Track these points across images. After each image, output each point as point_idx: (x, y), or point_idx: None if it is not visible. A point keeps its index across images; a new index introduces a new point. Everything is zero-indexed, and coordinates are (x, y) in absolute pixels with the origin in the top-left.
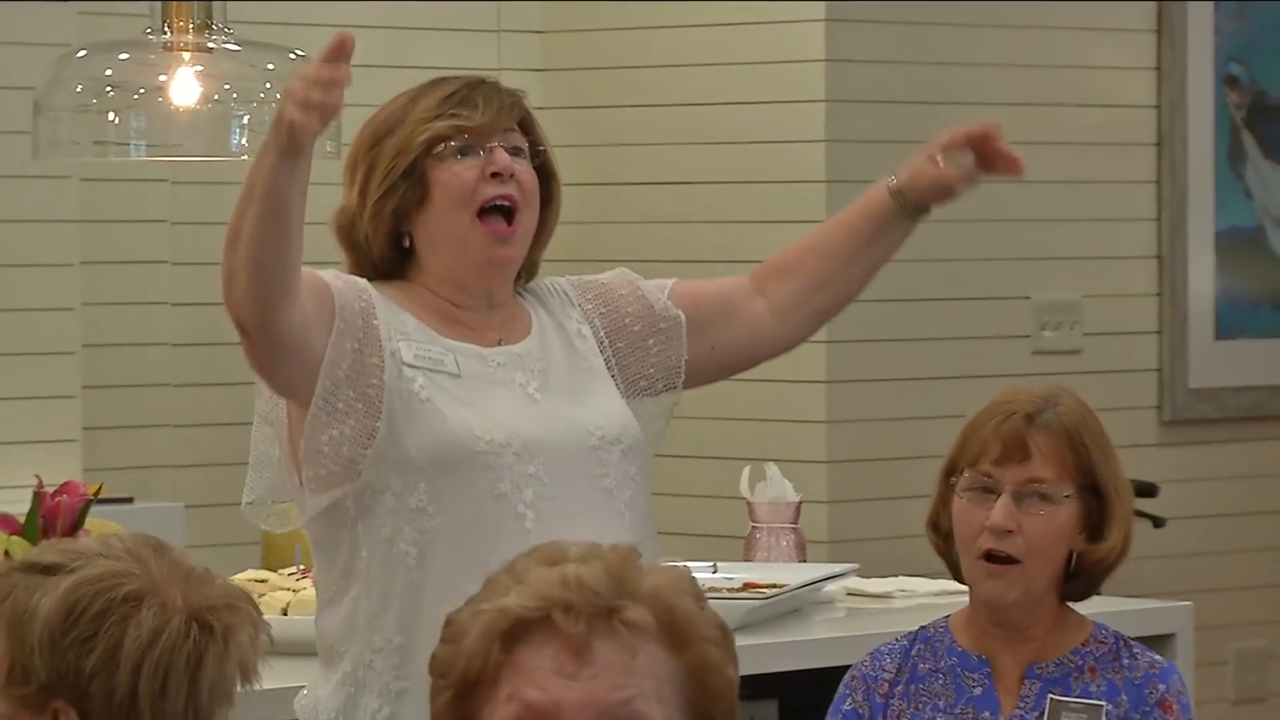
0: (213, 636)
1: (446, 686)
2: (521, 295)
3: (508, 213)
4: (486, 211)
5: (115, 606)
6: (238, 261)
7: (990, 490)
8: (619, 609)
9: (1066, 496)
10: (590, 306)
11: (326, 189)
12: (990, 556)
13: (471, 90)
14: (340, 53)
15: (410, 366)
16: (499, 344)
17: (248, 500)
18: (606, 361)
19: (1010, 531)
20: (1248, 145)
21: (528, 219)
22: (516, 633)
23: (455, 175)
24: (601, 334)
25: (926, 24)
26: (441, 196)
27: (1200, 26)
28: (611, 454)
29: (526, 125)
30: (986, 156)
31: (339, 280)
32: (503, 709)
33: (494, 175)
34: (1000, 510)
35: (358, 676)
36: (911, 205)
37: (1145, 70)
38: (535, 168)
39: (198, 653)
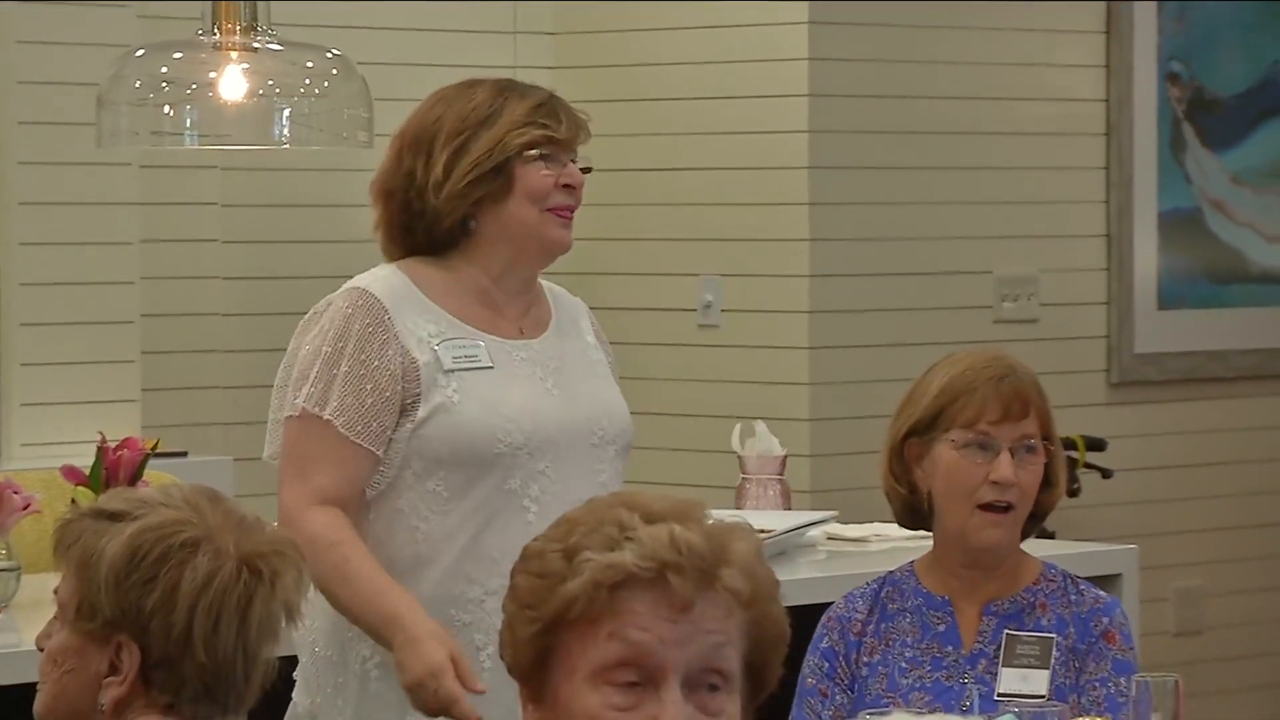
0: (261, 579)
1: (536, 619)
2: (545, 290)
3: (567, 214)
4: (551, 210)
5: (174, 551)
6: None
7: (986, 447)
8: (721, 576)
9: (1041, 449)
10: (598, 340)
11: (361, 175)
12: (990, 506)
13: (554, 104)
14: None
15: (447, 372)
16: (520, 334)
17: (269, 453)
18: (610, 368)
19: (1013, 484)
20: (1187, 135)
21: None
22: (626, 584)
23: (538, 179)
24: (605, 358)
25: (899, 26)
26: (521, 193)
27: (1145, 28)
28: (608, 452)
29: (586, 141)
30: None
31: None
32: (603, 646)
33: (565, 186)
34: (1005, 465)
35: (353, 627)
36: None
37: (1095, 68)
38: None
39: (247, 594)
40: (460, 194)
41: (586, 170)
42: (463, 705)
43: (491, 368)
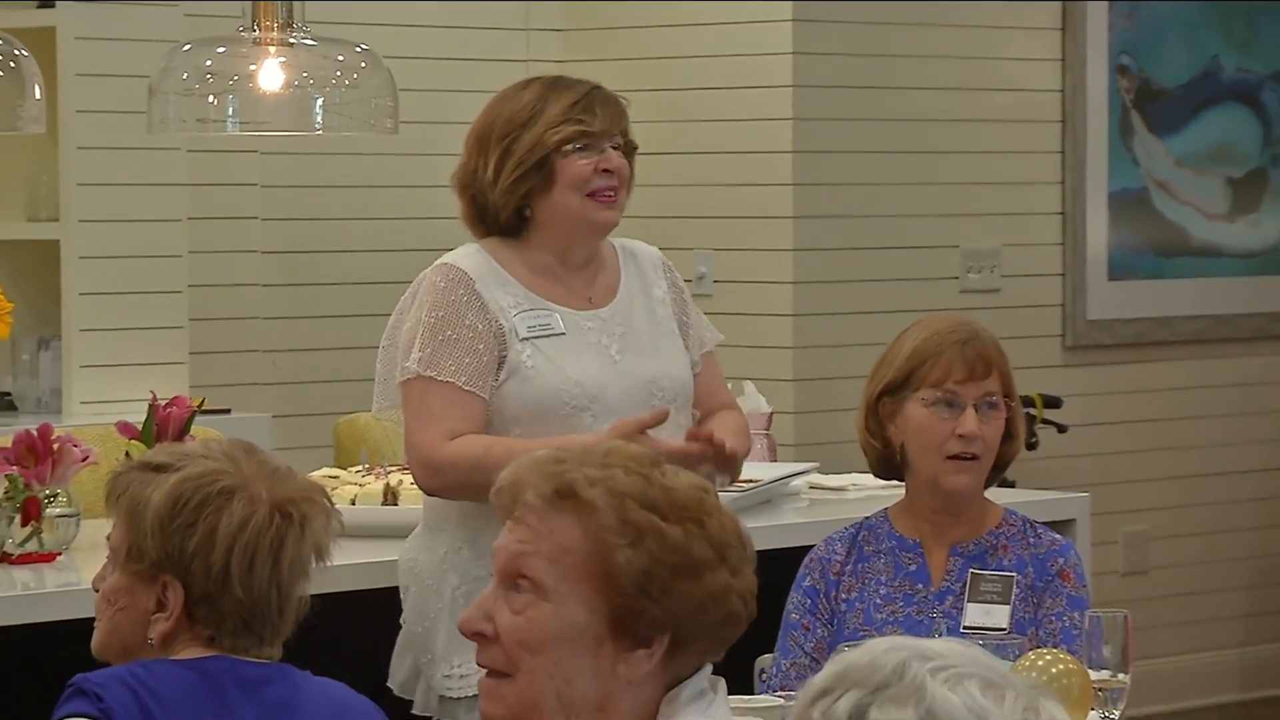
0: (292, 523)
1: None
2: (618, 254)
3: (610, 196)
4: (592, 194)
5: (212, 499)
6: (471, 495)
7: (952, 404)
8: (523, 500)
9: (1002, 405)
10: (670, 287)
11: (445, 159)
12: (957, 457)
13: (591, 99)
14: (691, 454)
15: (523, 340)
16: (589, 303)
17: (377, 409)
18: (680, 325)
19: (977, 436)
20: (1135, 122)
21: (623, 196)
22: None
23: (578, 169)
24: (674, 309)
25: (874, 23)
26: (564, 184)
27: (1096, 25)
28: (677, 401)
29: (625, 125)
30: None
31: (471, 351)
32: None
33: (605, 171)
34: (970, 420)
35: (449, 559)
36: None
37: (1051, 61)
38: (626, 152)
39: (279, 536)
40: (509, 189)
41: (632, 148)
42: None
43: (564, 334)
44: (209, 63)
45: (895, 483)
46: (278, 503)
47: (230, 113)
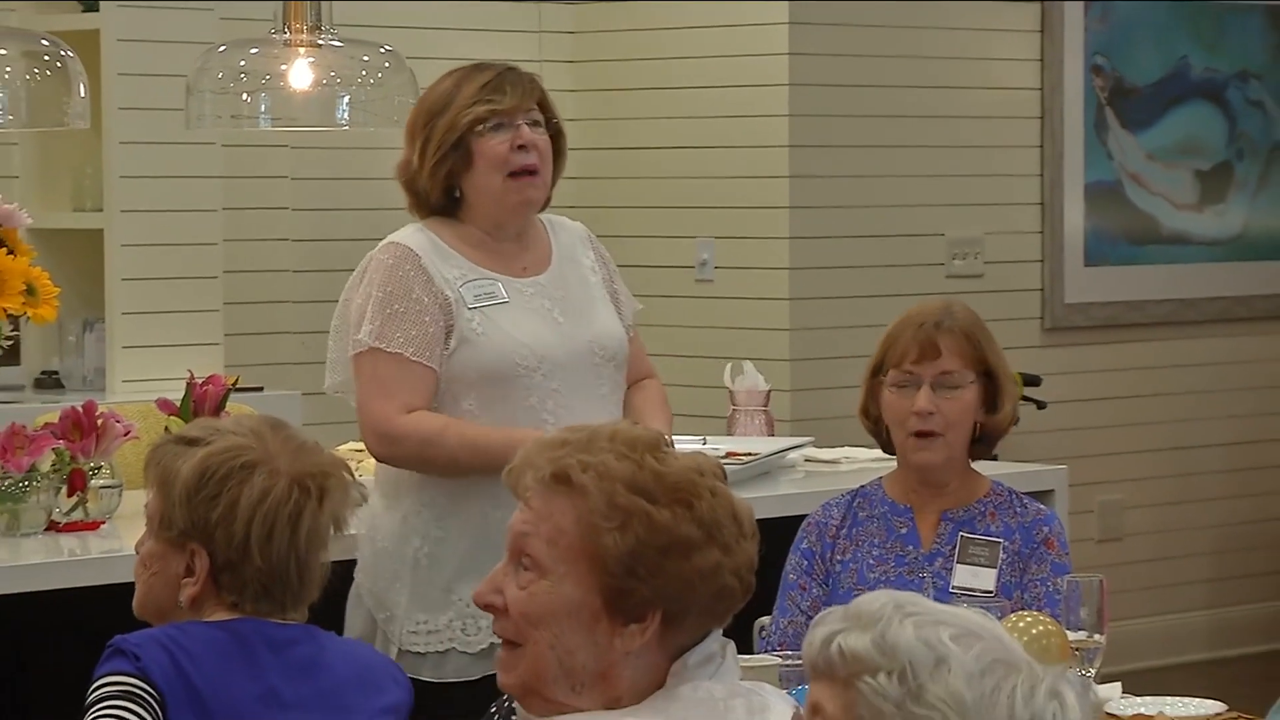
0: (309, 496)
1: None
2: (546, 227)
3: (531, 173)
4: (515, 173)
5: (235, 473)
6: (422, 468)
7: (909, 384)
8: (523, 483)
9: (970, 382)
10: (597, 258)
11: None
12: (918, 433)
13: (501, 79)
14: None
15: (471, 308)
16: (525, 271)
17: (329, 384)
18: (609, 291)
19: (931, 413)
20: (1109, 118)
21: (545, 172)
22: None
23: (493, 147)
24: (603, 277)
25: (866, 26)
26: (482, 163)
27: (1073, 27)
28: (608, 368)
29: (543, 102)
30: None
31: (419, 317)
32: None
33: (520, 147)
34: (923, 398)
35: (409, 521)
36: None
37: (1031, 61)
38: (550, 133)
39: (297, 509)
40: (433, 171)
41: (552, 125)
42: None
43: (508, 301)
44: (242, 63)
45: (892, 457)
46: (297, 476)
47: (262, 109)
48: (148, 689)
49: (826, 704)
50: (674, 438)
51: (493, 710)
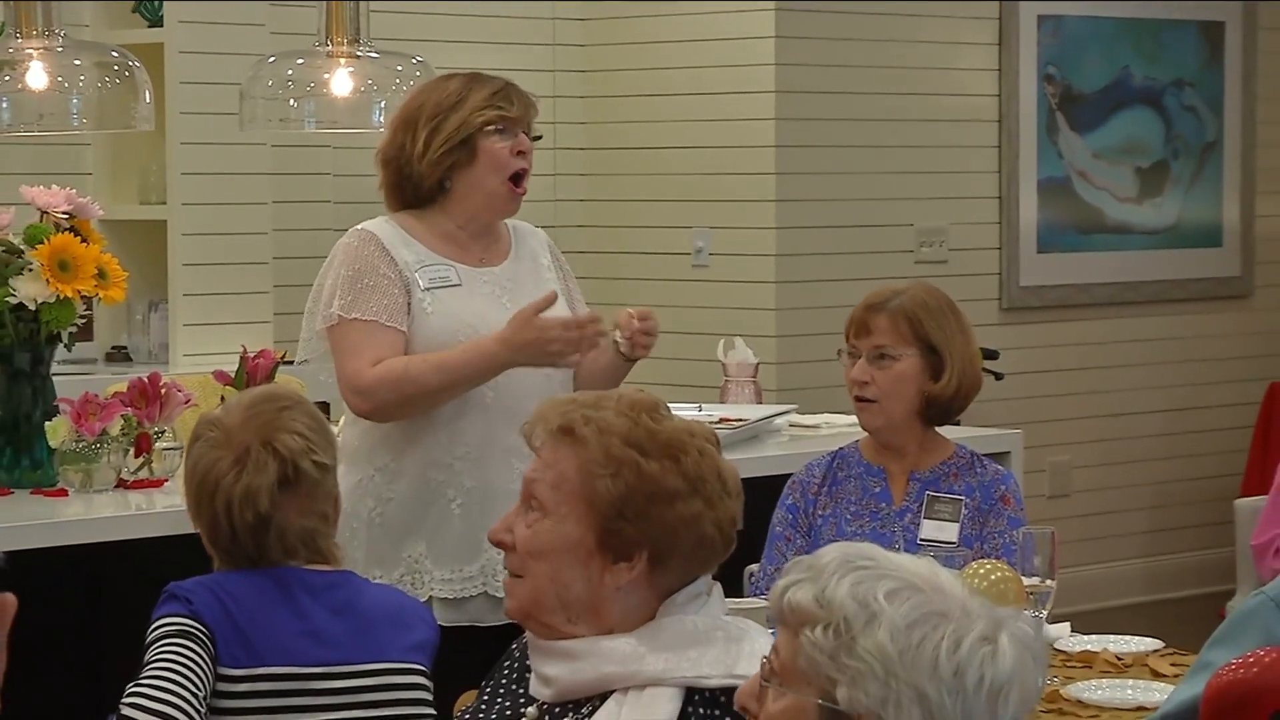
0: (249, 460)
1: None
2: (509, 229)
3: (520, 178)
4: (511, 179)
5: (202, 466)
6: (404, 408)
7: (852, 355)
8: (547, 420)
9: (908, 355)
10: (554, 262)
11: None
12: (857, 398)
13: (509, 91)
14: (583, 322)
15: (425, 290)
16: (481, 263)
17: (301, 357)
18: (564, 290)
19: (866, 382)
20: (1059, 122)
21: (526, 182)
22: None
23: (497, 150)
24: (560, 280)
25: (845, 39)
26: (485, 161)
27: (1027, 41)
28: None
29: (532, 120)
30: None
31: (385, 294)
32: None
33: (519, 153)
34: (858, 368)
35: (364, 485)
36: (627, 357)
37: (990, 71)
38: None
39: (240, 481)
40: (436, 161)
41: (537, 138)
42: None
43: (459, 285)
44: (290, 72)
45: None
46: (244, 447)
47: (307, 113)
48: (200, 628)
49: (781, 649)
50: (672, 405)
51: (514, 648)
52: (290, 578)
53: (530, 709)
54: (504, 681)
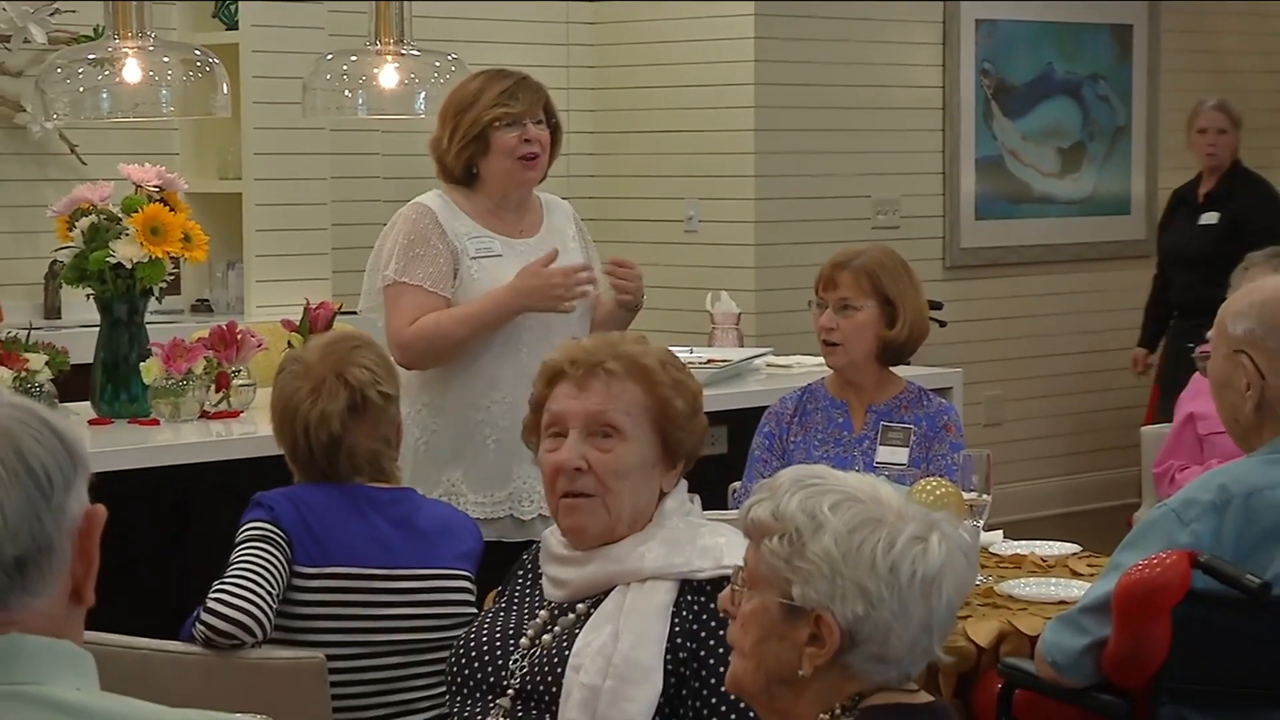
0: (324, 389)
1: (531, 408)
2: (542, 203)
3: (533, 158)
4: (522, 158)
5: (285, 395)
6: (437, 358)
7: (820, 306)
8: (604, 364)
9: (868, 306)
10: (578, 233)
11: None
12: (825, 342)
13: (516, 87)
14: (573, 270)
15: (472, 259)
16: (520, 234)
17: (363, 307)
18: (584, 252)
19: (832, 329)
20: (994, 109)
21: (543, 159)
22: (555, 378)
23: (506, 140)
24: (581, 247)
25: (814, 40)
26: (497, 150)
27: (967, 40)
28: (577, 310)
29: (547, 106)
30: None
31: (435, 259)
32: (545, 416)
33: (525, 140)
34: (825, 317)
35: (412, 417)
36: (626, 307)
37: (935, 66)
38: (550, 129)
39: (316, 406)
40: (459, 153)
41: (553, 124)
42: (558, 268)
43: (501, 256)
44: (345, 68)
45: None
46: (320, 378)
47: (360, 102)
48: (279, 532)
49: (748, 559)
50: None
51: (525, 558)
52: (358, 493)
53: (542, 611)
54: (518, 588)
